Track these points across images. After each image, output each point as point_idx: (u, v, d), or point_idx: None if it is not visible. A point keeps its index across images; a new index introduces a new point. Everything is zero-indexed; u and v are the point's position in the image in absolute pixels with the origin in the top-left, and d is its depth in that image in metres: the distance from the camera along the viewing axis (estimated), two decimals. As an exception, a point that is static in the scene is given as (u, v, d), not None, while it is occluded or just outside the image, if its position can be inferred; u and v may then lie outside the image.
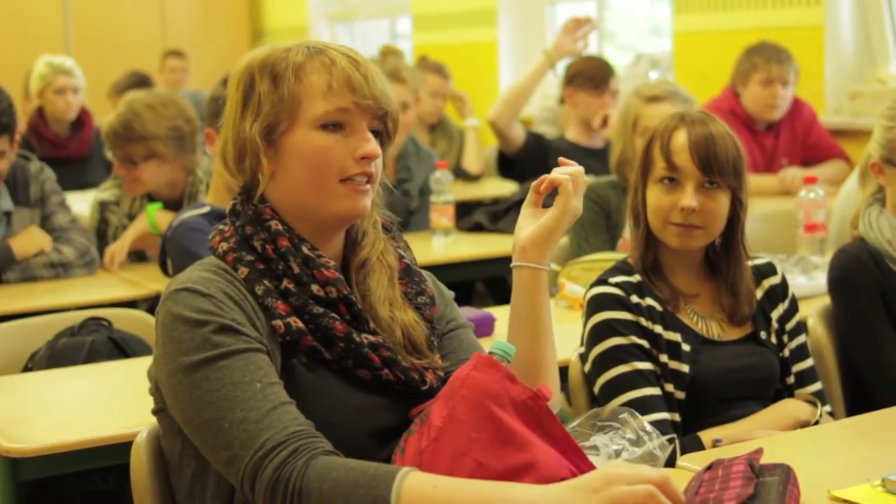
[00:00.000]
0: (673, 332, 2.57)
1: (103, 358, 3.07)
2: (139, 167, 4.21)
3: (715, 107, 5.45)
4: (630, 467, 1.65)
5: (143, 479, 2.04)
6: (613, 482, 1.62)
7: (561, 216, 2.06)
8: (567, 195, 2.06)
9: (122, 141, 4.20)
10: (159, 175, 4.25)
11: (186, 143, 4.24)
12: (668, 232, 2.56)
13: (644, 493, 1.60)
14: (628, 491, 1.60)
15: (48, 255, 4.11)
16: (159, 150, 4.19)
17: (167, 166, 4.23)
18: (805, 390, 2.68)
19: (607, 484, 1.62)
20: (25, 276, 4.07)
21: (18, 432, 2.51)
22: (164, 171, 4.24)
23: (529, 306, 2.07)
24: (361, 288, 2.00)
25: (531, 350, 2.06)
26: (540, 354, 2.07)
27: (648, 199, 2.60)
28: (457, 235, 4.77)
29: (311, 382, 1.90)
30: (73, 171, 6.01)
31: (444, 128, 6.83)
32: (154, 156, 4.20)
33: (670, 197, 2.55)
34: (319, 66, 1.94)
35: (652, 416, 2.46)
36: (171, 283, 1.92)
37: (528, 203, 2.11)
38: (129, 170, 4.23)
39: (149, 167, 4.21)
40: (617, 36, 8.40)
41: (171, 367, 1.85)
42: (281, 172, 1.95)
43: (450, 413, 1.81)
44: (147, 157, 4.20)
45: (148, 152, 4.19)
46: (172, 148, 4.20)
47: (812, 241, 3.97)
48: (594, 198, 4.02)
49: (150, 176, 4.24)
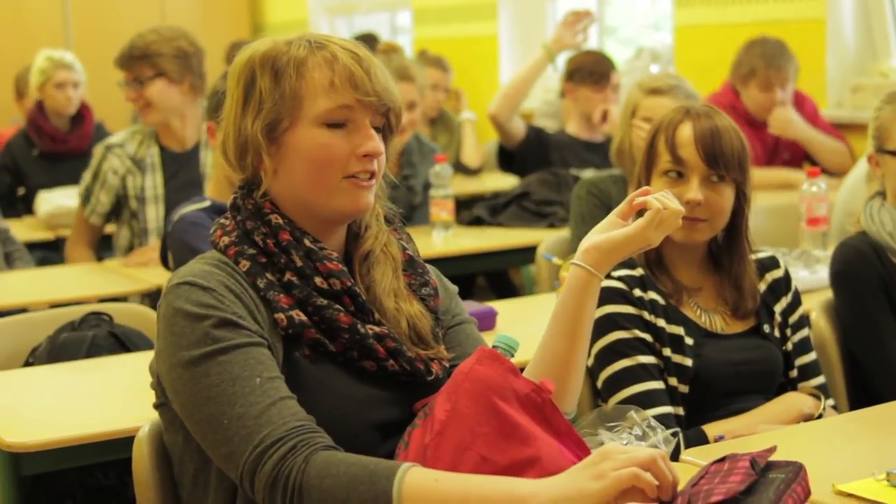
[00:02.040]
0: (676, 325, 2.56)
1: (104, 352, 3.06)
2: (147, 87, 4.35)
3: (715, 101, 5.42)
4: (623, 449, 1.68)
5: (145, 474, 2.04)
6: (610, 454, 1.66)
7: (632, 237, 1.99)
8: (649, 221, 1.98)
9: (128, 60, 4.37)
10: (168, 96, 4.38)
11: (192, 63, 4.41)
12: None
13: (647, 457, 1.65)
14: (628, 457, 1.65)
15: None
16: (165, 67, 4.35)
17: (175, 88, 4.39)
18: (808, 384, 2.68)
19: (604, 456, 1.66)
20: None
21: (19, 427, 2.51)
22: (172, 93, 4.38)
23: (574, 306, 2.02)
24: (366, 280, 1.99)
25: (563, 350, 2.02)
26: (571, 357, 2.02)
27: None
28: (457, 229, 4.76)
29: (314, 375, 1.89)
30: (73, 166, 5.98)
31: (445, 121, 6.82)
32: (160, 74, 4.36)
33: (675, 190, 2.53)
34: (321, 61, 1.92)
35: (655, 410, 2.46)
36: (173, 276, 1.92)
37: (617, 212, 2.04)
38: (139, 91, 4.37)
39: (156, 86, 4.36)
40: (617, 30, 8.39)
41: (172, 362, 1.84)
42: (283, 169, 1.94)
43: (453, 407, 1.81)
44: (154, 75, 4.35)
45: (154, 70, 4.35)
46: (178, 66, 4.37)
47: (814, 235, 3.96)
48: (595, 192, 4.01)
49: (159, 96, 4.37)
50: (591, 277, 2.01)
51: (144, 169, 4.43)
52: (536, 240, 4.24)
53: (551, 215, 4.86)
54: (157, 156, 4.45)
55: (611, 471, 1.64)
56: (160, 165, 4.45)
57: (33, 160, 6.05)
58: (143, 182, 4.41)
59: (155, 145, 4.47)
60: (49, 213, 5.40)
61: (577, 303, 2.01)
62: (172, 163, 4.46)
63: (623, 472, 1.63)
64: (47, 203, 5.46)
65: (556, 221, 4.80)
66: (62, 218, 5.35)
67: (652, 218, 1.98)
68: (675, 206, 2.01)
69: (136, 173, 4.43)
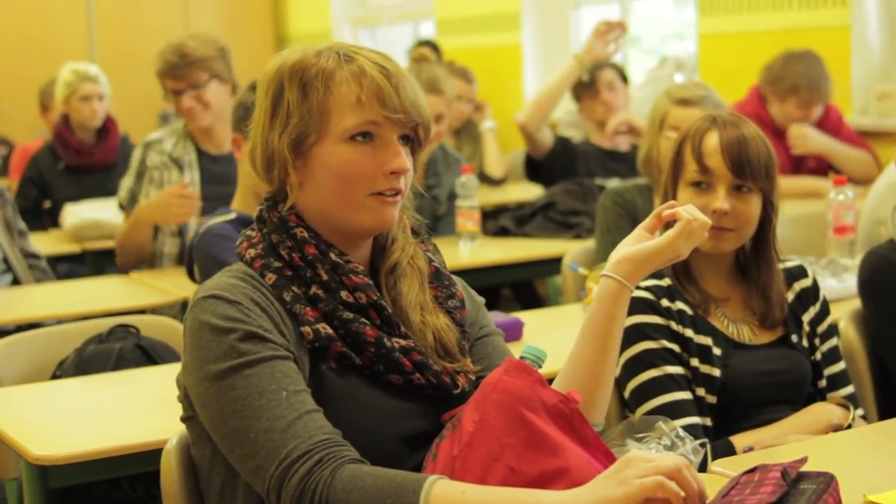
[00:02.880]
0: (704, 335, 2.55)
1: (131, 365, 3.07)
2: (205, 89, 4.45)
3: (740, 109, 5.40)
4: (648, 456, 1.67)
5: (173, 487, 2.04)
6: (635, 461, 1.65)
7: (662, 248, 2.01)
8: (678, 234, 2.00)
9: (182, 69, 4.44)
10: (221, 96, 4.48)
11: (230, 62, 4.53)
12: (701, 235, 2.54)
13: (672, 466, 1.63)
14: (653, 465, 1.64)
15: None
16: (216, 69, 4.48)
17: (225, 87, 4.50)
18: (837, 394, 2.66)
19: (629, 464, 1.65)
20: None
21: (47, 440, 2.51)
22: (223, 92, 4.49)
23: (605, 318, 2.01)
24: (392, 293, 1.98)
25: (593, 361, 2.02)
26: (601, 368, 2.02)
27: (680, 202, 2.57)
28: (483, 240, 4.76)
29: (340, 388, 1.89)
30: (98, 179, 6.02)
31: (470, 132, 6.82)
32: (214, 75, 4.47)
33: (702, 199, 2.53)
34: (349, 76, 1.91)
35: (683, 421, 2.44)
36: (199, 289, 1.92)
37: (644, 226, 2.06)
38: (199, 94, 4.44)
39: (211, 88, 4.46)
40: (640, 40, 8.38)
41: (199, 375, 1.84)
42: (309, 183, 1.94)
43: (481, 418, 1.80)
44: (209, 78, 4.46)
45: (209, 73, 4.46)
46: (224, 65, 4.51)
47: (842, 244, 3.94)
48: (620, 201, 4.00)
49: (215, 98, 4.46)
50: (622, 289, 2.01)
51: (182, 166, 4.46)
52: (562, 250, 4.23)
53: (577, 226, 4.85)
54: (193, 154, 4.49)
55: (634, 478, 1.63)
56: (197, 164, 4.47)
57: (59, 173, 6.07)
58: (181, 179, 4.43)
59: (192, 146, 4.50)
60: (75, 226, 5.42)
61: (607, 314, 2.01)
62: (209, 163, 4.48)
63: (648, 480, 1.62)
64: (73, 216, 5.47)
65: (581, 232, 4.80)
66: (88, 230, 5.37)
67: (682, 229, 2.00)
68: (703, 218, 2.03)
69: (174, 168, 4.46)
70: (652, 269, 2.03)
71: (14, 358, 3.13)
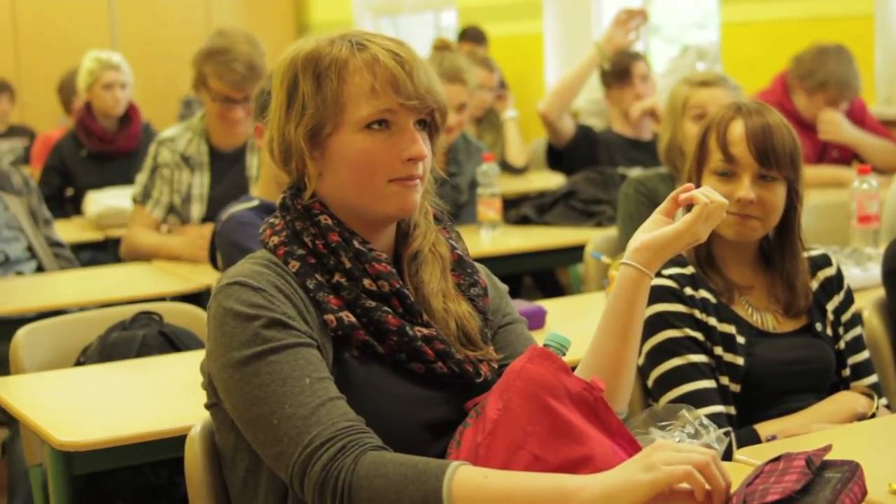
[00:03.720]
0: (727, 324, 2.54)
1: (155, 352, 3.08)
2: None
3: (764, 98, 5.38)
4: (676, 445, 1.66)
5: (198, 473, 2.04)
6: (663, 448, 1.65)
7: (681, 233, 1.99)
8: (696, 216, 1.98)
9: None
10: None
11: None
12: (725, 223, 2.52)
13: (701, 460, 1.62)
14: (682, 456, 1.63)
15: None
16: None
17: None
18: (861, 382, 2.65)
19: (657, 450, 1.65)
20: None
21: (71, 426, 2.52)
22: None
23: (625, 306, 2.01)
24: (414, 280, 1.98)
25: (615, 349, 2.01)
26: (622, 356, 2.02)
27: (704, 191, 2.56)
28: (504, 228, 4.75)
29: (363, 376, 1.89)
30: (121, 166, 6.03)
31: (491, 120, 6.82)
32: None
33: (727, 188, 2.51)
34: (362, 64, 1.91)
35: (707, 410, 2.44)
36: (223, 276, 1.92)
37: (661, 210, 2.05)
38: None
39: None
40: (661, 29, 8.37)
41: (223, 362, 1.84)
42: (328, 172, 1.94)
43: (505, 405, 1.80)
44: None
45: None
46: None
47: (865, 233, 3.92)
48: (642, 190, 4.00)
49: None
50: (642, 276, 2.00)
51: (193, 167, 4.46)
52: (584, 239, 4.23)
53: (598, 214, 4.84)
54: (206, 155, 4.48)
55: (662, 464, 1.62)
56: (209, 165, 4.47)
57: (82, 161, 6.08)
58: (192, 179, 4.44)
59: (205, 144, 4.49)
60: (98, 214, 5.43)
61: (627, 302, 2.00)
62: (220, 163, 4.48)
63: (677, 468, 1.61)
64: (96, 203, 5.49)
65: (603, 220, 4.79)
66: (111, 218, 5.38)
67: (700, 212, 1.98)
68: (719, 199, 2.01)
69: (184, 169, 4.46)
70: (671, 255, 2.02)
71: (38, 345, 3.14)
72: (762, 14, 6.45)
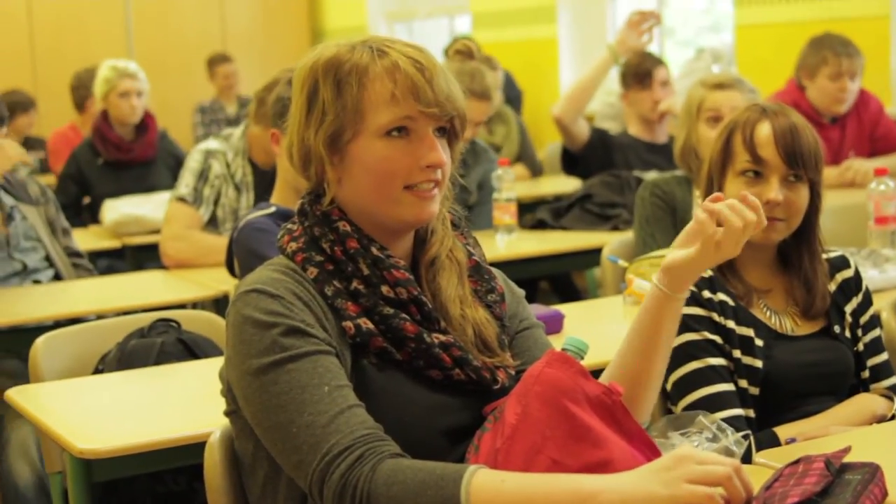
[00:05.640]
0: (745, 327, 2.54)
1: (173, 359, 3.08)
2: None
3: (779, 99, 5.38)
4: (701, 452, 1.66)
5: (217, 480, 2.05)
6: (685, 462, 1.63)
7: (708, 253, 1.93)
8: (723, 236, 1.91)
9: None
10: None
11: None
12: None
13: (723, 474, 1.61)
14: (704, 470, 1.61)
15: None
16: None
17: None
18: (880, 385, 2.65)
19: (679, 463, 1.63)
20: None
21: (91, 434, 2.52)
22: None
23: (651, 323, 1.98)
24: (431, 286, 1.98)
25: (638, 367, 2.00)
26: (646, 375, 2.00)
27: (729, 193, 2.54)
28: (520, 233, 4.75)
29: (381, 383, 1.89)
30: (137, 174, 6.06)
31: (499, 114, 6.80)
32: None
33: (754, 190, 2.49)
34: (382, 71, 1.91)
35: (726, 413, 2.43)
36: (241, 283, 1.92)
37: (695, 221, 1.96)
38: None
39: None
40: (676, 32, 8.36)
41: (241, 370, 1.85)
42: (347, 179, 1.94)
43: (524, 410, 1.80)
44: None
45: None
46: None
47: (883, 234, 3.92)
48: (658, 193, 3.99)
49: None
50: (667, 298, 1.97)
51: (240, 187, 4.48)
52: (600, 242, 4.22)
53: (614, 217, 4.84)
54: (250, 175, 4.52)
55: (683, 481, 1.61)
56: (252, 185, 4.50)
57: (98, 169, 6.10)
58: (239, 199, 4.46)
59: (248, 164, 4.53)
60: (115, 222, 5.45)
61: (654, 319, 1.98)
62: (261, 181, 4.49)
63: (698, 489, 1.60)
64: (113, 211, 5.51)
65: (619, 224, 4.78)
66: (128, 226, 5.40)
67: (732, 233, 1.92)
68: (750, 216, 1.93)
69: (231, 185, 4.48)
70: (700, 272, 1.98)
71: (56, 353, 3.15)
72: (777, 16, 6.44)
